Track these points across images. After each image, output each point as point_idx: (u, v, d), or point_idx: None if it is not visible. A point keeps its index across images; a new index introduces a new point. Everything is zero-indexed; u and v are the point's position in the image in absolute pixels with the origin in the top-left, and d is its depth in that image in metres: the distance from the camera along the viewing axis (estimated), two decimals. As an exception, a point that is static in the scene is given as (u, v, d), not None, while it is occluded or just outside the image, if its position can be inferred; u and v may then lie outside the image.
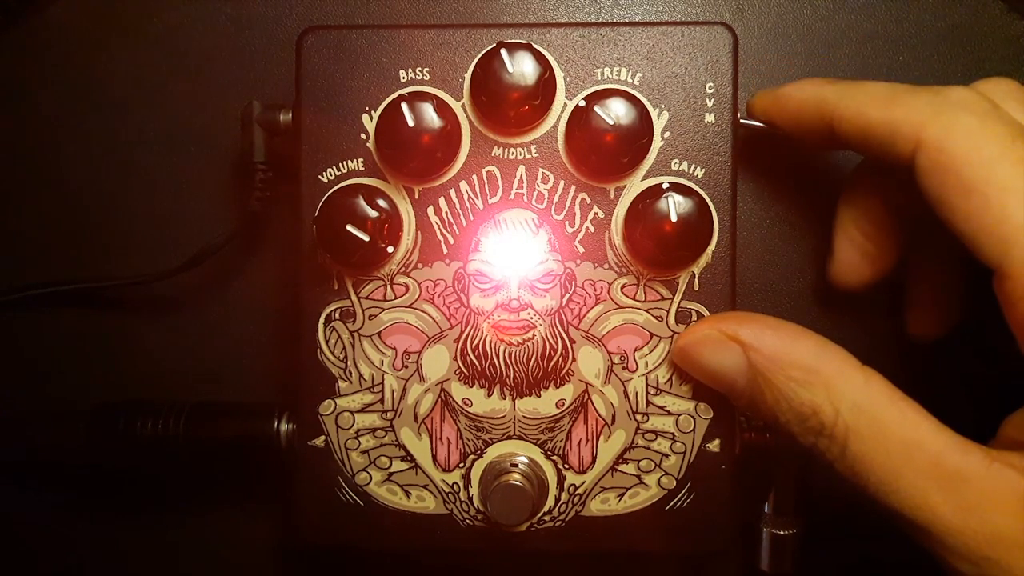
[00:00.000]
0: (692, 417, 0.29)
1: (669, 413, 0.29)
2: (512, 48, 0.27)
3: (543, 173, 0.29)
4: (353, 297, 0.29)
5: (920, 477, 0.23)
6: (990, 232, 0.23)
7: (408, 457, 0.30)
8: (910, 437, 0.23)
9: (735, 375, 0.26)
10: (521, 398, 0.29)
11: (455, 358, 0.29)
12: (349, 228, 0.27)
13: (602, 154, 0.27)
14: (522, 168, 0.29)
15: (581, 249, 0.29)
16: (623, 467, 0.29)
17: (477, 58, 0.28)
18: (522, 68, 0.27)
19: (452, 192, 0.29)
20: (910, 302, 0.32)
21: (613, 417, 0.29)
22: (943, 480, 0.23)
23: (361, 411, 0.30)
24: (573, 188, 0.29)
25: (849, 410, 0.24)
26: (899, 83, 0.27)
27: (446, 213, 0.29)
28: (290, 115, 0.30)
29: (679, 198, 0.27)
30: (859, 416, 0.24)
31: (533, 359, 0.29)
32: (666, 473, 0.29)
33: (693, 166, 0.29)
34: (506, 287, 0.29)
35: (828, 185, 0.33)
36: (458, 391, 0.29)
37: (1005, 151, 0.23)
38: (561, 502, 0.30)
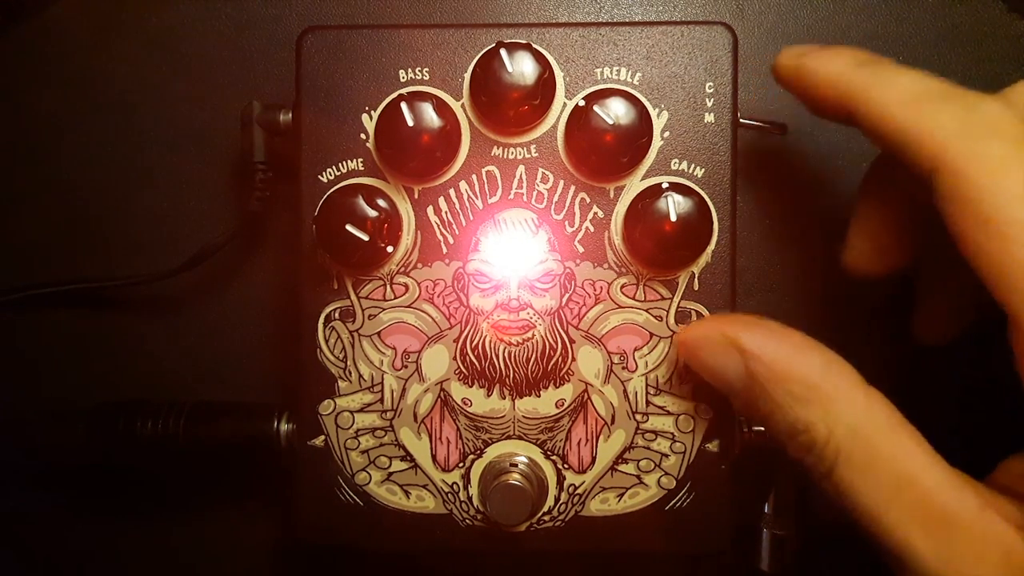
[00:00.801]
0: (692, 417, 0.29)
1: (669, 413, 0.29)
2: (512, 48, 0.27)
3: (543, 173, 0.29)
4: (353, 297, 0.29)
5: (906, 514, 0.22)
6: (1006, 274, 0.21)
7: (408, 457, 0.30)
8: (902, 470, 0.22)
9: (733, 379, 0.25)
10: (521, 398, 0.29)
11: (455, 358, 0.29)
12: (349, 228, 0.27)
13: (602, 154, 0.27)
14: (522, 168, 0.29)
15: (581, 249, 0.29)
16: (623, 467, 0.29)
17: (477, 58, 0.28)
18: (522, 68, 0.27)
19: (452, 192, 0.29)
20: (919, 305, 0.31)
21: (613, 417, 0.29)
22: (930, 521, 0.21)
23: (361, 411, 0.30)
24: (573, 188, 0.29)
25: (844, 434, 0.23)
26: (932, 80, 0.24)
27: (446, 213, 0.29)
28: (290, 115, 0.30)
29: (679, 198, 0.27)
30: (853, 441, 0.23)
31: (533, 359, 0.29)
32: (666, 473, 0.29)
33: (693, 166, 0.29)
34: (506, 287, 0.29)
35: (829, 186, 0.33)
36: (458, 391, 0.29)
37: None
38: (561, 502, 0.30)
